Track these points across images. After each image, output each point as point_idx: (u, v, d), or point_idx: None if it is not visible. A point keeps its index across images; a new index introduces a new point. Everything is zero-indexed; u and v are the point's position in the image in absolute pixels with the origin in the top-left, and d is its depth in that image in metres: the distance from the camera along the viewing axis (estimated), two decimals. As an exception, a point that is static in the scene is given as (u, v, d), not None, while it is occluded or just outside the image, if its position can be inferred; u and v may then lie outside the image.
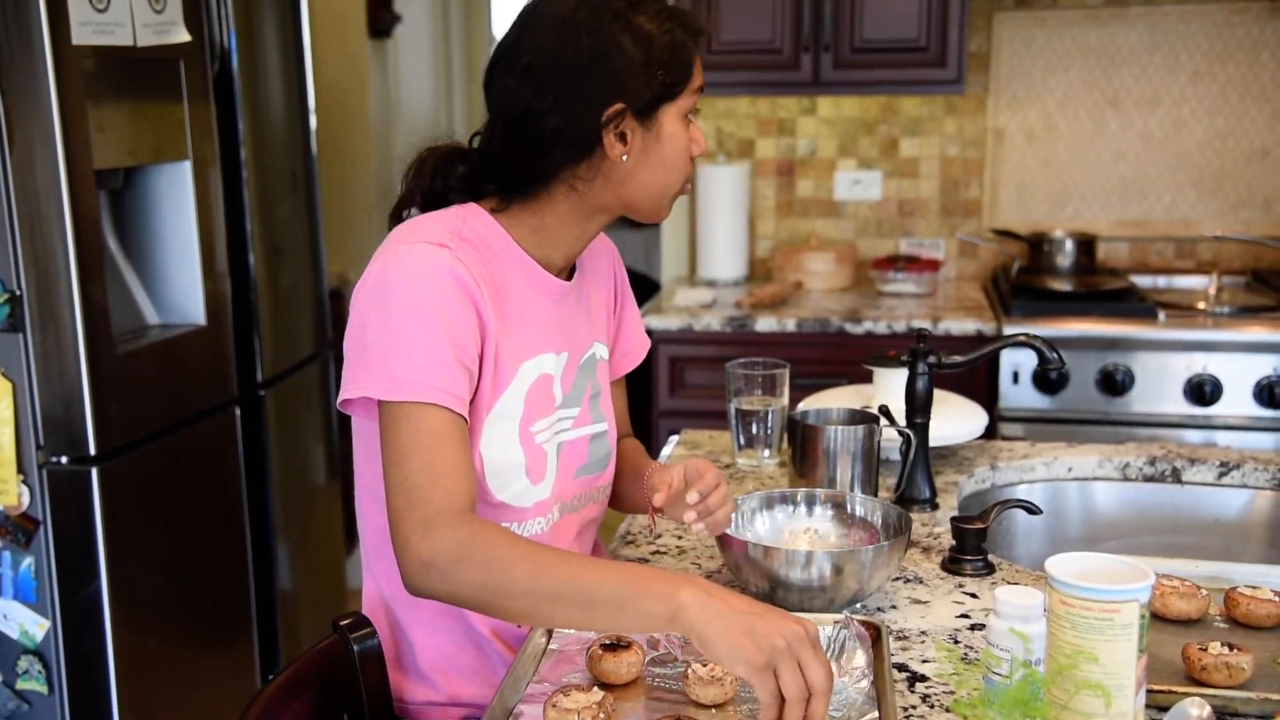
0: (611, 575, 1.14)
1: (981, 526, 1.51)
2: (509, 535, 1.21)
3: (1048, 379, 2.86)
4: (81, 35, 2.14)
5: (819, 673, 1.05)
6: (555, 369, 1.43)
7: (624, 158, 1.34)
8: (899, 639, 1.34)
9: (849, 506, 1.53)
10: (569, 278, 1.46)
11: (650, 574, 1.15)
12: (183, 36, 2.43)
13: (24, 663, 2.26)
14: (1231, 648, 1.23)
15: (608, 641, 1.24)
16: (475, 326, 1.31)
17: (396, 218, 1.45)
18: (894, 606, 1.42)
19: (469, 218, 1.38)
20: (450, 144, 1.45)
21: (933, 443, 1.79)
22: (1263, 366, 2.79)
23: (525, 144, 1.34)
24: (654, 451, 2.76)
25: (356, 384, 1.29)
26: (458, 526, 1.20)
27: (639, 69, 1.31)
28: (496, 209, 1.40)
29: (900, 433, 1.71)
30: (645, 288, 4.01)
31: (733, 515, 1.47)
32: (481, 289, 1.31)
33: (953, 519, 1.53)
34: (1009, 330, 2.85)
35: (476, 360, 1.32)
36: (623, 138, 1.33)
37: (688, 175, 1.40)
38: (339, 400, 1.33)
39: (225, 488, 2.66)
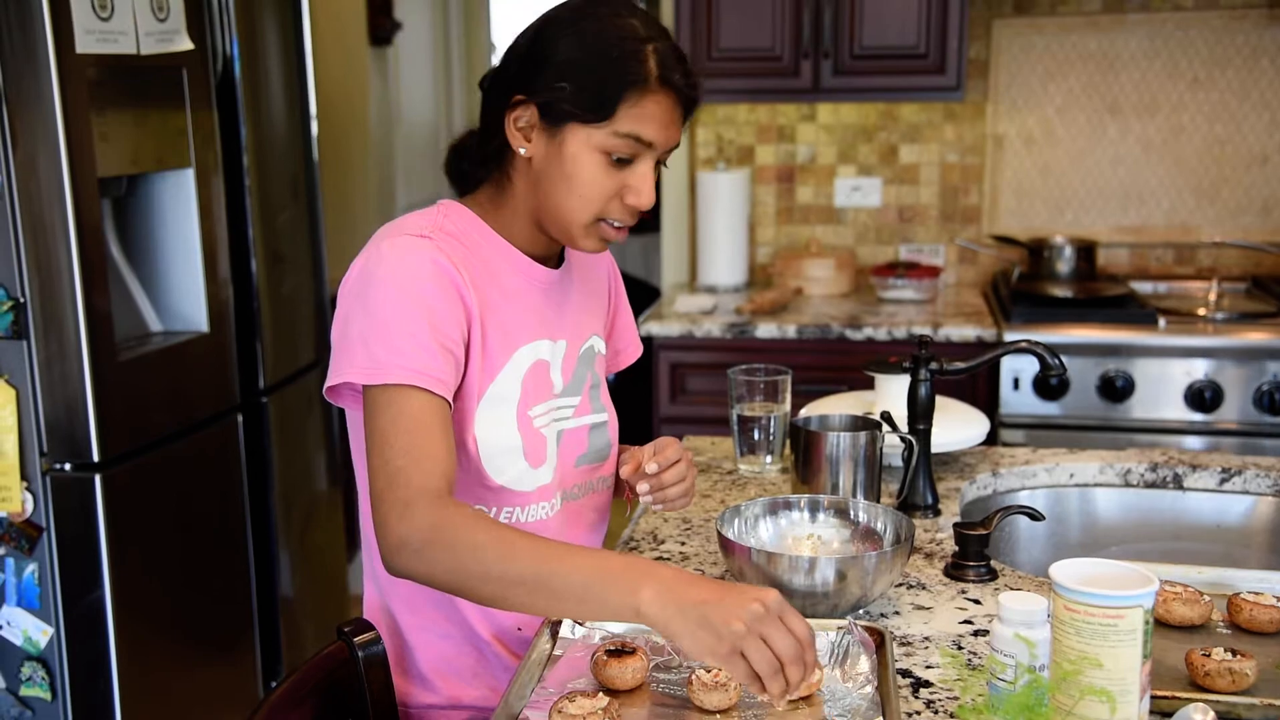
0: (579, 565, 1.14)
1: (984, 532, 1.52)
2: (484, 519, 1.21)
3: (1048, 385, 2.87)
4: (85, 44, 2.15)
5: (785, 642, 1.05)
6: (551, 356, 1.45)
7: (522, 150, 1.36)
8: (902, 645, 1.34)
9: (852, 513, 1.53)
10: (555, 267, 1.48)
11: (618, 567, 1.14)
12: (185, 45, 2.43)
13: (27, 669, 2.26)
14: (1235, 653, 1.23)
15: (613, 647, 1.25)
16: (459, 312, 1.33)
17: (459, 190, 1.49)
18: (897, 612, 1.42)
19: (449, 213, 1.41)
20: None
21: (934, 449, 1.79)
22: (1263, 372, 2.80)
23: (482, 114, 1.41)
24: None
25: (339, 372, 1.31)
26: (434, 509, 1.21)
27: (550, 70, 1.32)
28: (471, 197, 1.44)
29: (902, 439, 1.72)
30: (645, 294, 4.02)
31: (692, 498, 1.51)
32: (464, 276, 1.34)
33: (955, 525, 1.54)
34: (1009, 337, 2.86)
35: (462, 345, 1.33)
36: (527, 133, 1.36)
37: (600, 212, 1.36)
38: (325, 388, 1.35)
39: (227, 494, 2.66)
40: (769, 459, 1.91)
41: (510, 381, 1.39)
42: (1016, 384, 2.89)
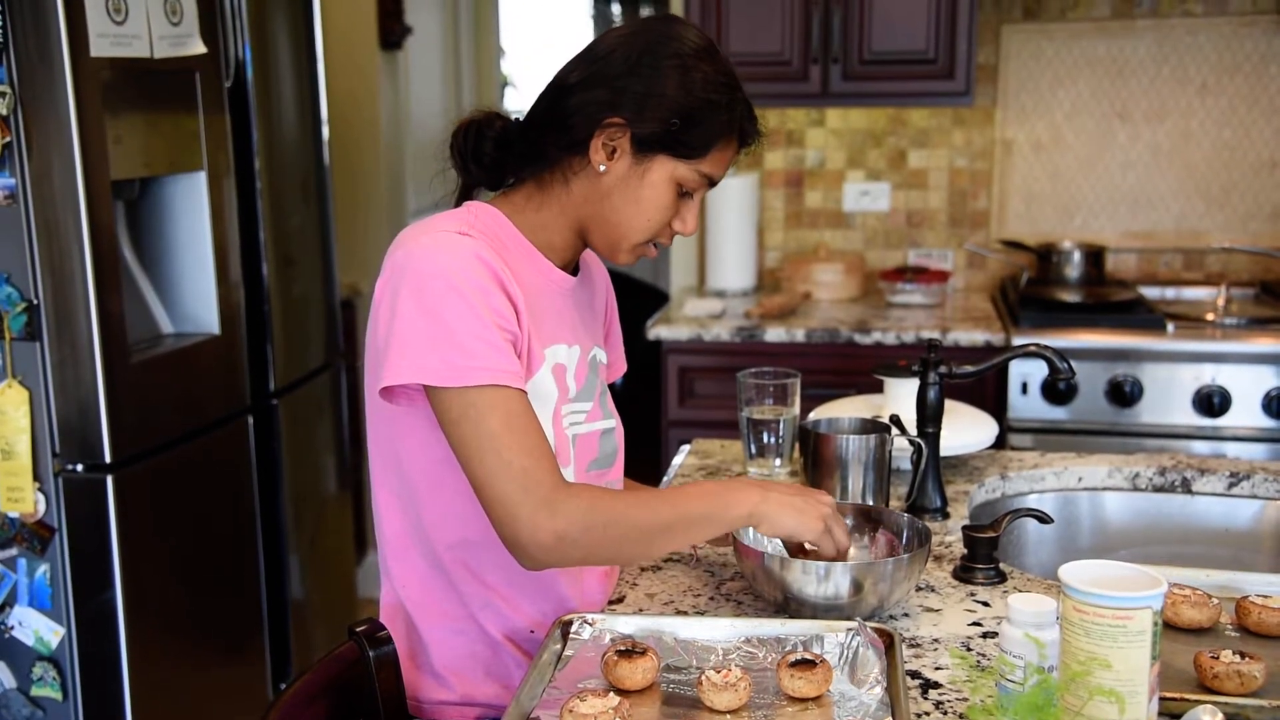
0: (695, 498, 1.33)
1: (993, 535, 1.52)
2: (609, 490, 1.33)
3: (1057, 390, 2.87)
4: (100, 47, 2.16)
5: (844, 536, 1.38)
6: (569, 360, 1.46)
7: (601, 168, 1.38)
8: (912, 646, 1.34)
9: (868, 518, 1.52)
10: (573, 275, 1.50)
11: (719, 488, 1.35)
12: (198, 48, 2.45)
13: (39, 669, 2.27)
14: (1243, 656, 1.24)
15: (623, 648, 1.25)
16: (510, 307, 1.34)
17: (464, 196, 1.48)
18: (906, 614, 1.43)
19: (478, 213, 1.42)
20: (487, 109, 1.48)
21: (943, 452, 1.79)
22: (1271, 378, 2.80)
23: (548, 112, 1.40)
24: (664, 461, 2.77)
25: (400, 373, 1.29)
26: (574, 497, 1.28)
27: (660, 104, 1.35)
28: (503, 194, 1.45)
29: (911, 442, 1.72)
30: (654, 299, 4.02)
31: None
32: (506, 273, 1.35)
33: (964, 528, 1.54)
34: (1018, 341, 2.86)
35: (514, 339, 1.35)
36: (612, 153, 1.37)
37: (655, 235, 1.42)
38: (381, 385, 1.32)
39: (238, 496, 2.68)
40: (778, 462, 1.92)
41: (546, 379, 1.41)
42: (1025, 388, 2.89)
